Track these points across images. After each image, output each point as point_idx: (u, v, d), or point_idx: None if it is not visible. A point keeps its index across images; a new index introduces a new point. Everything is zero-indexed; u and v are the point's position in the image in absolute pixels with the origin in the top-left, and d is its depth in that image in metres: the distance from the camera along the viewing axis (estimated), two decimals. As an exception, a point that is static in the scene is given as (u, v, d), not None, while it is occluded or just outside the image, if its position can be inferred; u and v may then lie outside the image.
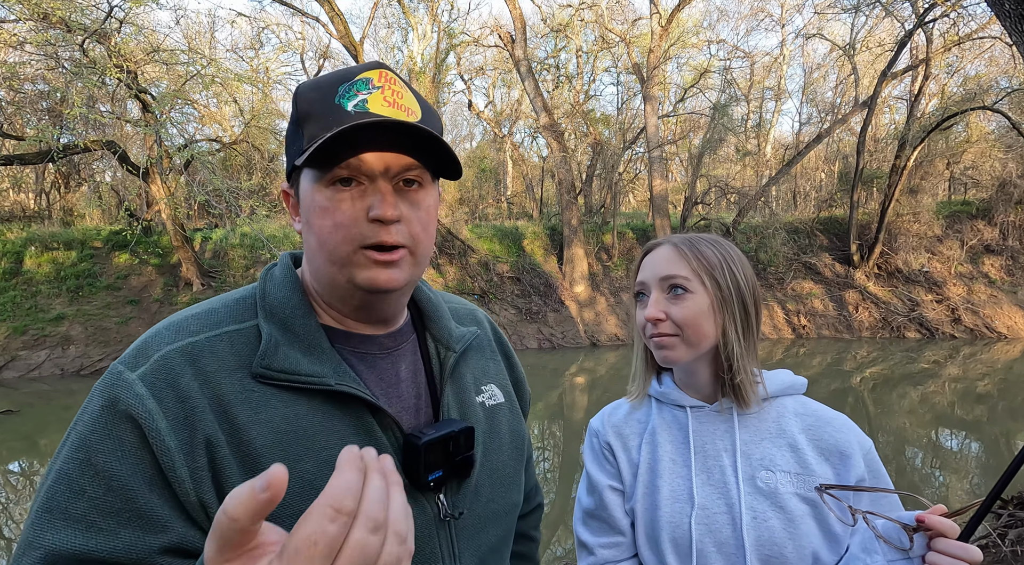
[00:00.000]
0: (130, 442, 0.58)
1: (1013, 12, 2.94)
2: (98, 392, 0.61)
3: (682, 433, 0.99)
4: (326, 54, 19.18)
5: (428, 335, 0.80)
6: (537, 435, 7.35)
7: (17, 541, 0.58)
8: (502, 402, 0.84)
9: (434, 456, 0.68)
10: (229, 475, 0.59)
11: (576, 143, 18.05)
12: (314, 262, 0.69)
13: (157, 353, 0.62)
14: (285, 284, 0.71)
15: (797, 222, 15.70)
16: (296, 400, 0.64)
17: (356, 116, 0.64)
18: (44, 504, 0.57)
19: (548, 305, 13.41)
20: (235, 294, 0.72)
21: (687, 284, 0.95)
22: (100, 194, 15.01)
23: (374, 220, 0.64)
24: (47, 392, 8.99)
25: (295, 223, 0.72)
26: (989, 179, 15.15)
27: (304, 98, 0.67)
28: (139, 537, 0.56)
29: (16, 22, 9.61)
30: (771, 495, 0.90)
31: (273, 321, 0.67)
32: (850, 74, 17.95)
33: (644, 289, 1.00)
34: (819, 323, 13.60)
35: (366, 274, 0.66)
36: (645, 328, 0.98)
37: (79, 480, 0.57)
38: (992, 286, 13.77)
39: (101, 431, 0.58)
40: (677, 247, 0.99)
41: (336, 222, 0.64)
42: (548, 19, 17.28)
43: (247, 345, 0.65)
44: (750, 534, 0.88)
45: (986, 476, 5.65)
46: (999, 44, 12.91)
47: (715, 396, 1.00)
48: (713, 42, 19.03)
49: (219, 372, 0.63)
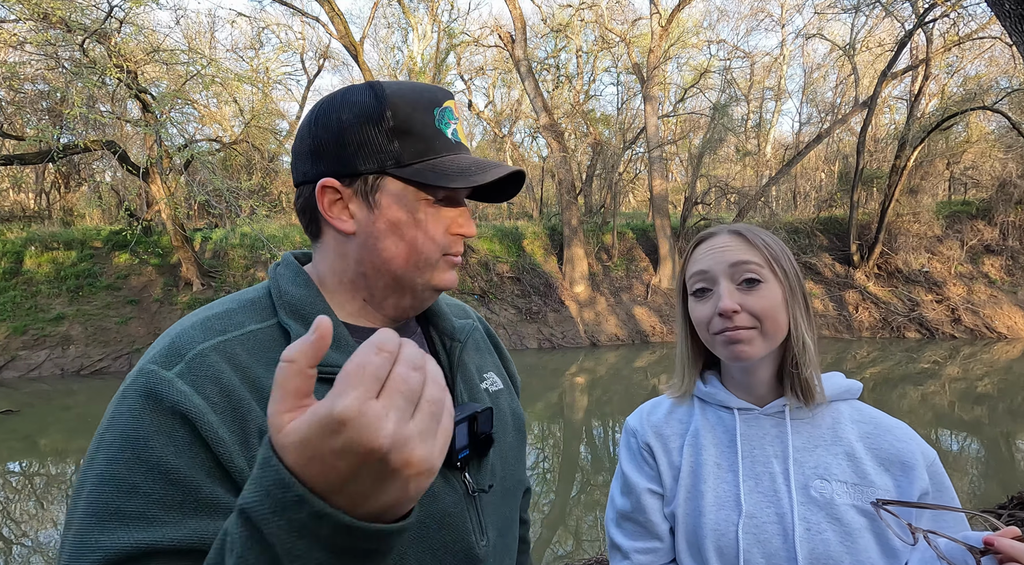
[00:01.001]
0: (183, 437, 0.58)
1: (1013, 12, 2.94)
2: (134, 392, 0.60)
3: (727, 436, 0.94)
4: (326, 54, 19.19)
5: (432, 329, 0.86)
6: (537, 435, 7.35)
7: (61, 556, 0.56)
8: (502, 388, 0.90)
9: (461, 436, 0.73)
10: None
11: (576, 143, 18.06)
12: (384, 268, 0.73)
13: (191, 352, 0.63)
14: (300, 283, 0.73)
15: (797, 222, 15.71)
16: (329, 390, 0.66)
17: (456, 146, 0.74)
18: (89, 509, 0.55)
19: (548, 305, 13.41)
20: (246, 295, 0.73)
21: (761, 273, 0.89)
22: (100, 194, 15.02)
23: (457, 235, 0.76)
24: (47, 392, 8.99)
25: (336, 220, 0.71)
26: (989, 179, 15.15)
27: (403, 111, 0.70)
28: (207, 524, 0.56)
29: (16, 22, 9.61)
30: (826, 506, 0.84)
31: (296, 318, 0.70)
32: (850, 74, 17.96)
33: (707, 280, 0.92)
34: (819, 323, 13.60)
35: (445, 276, 0.76)
36: (711, 323, 0.90)
37: (130, 478, 0.56)
38: (992, 286, 13.77)
39: (149, 428, 0.57)
40: (742, 235, 0.93)
41: (431, 233, 0.73)
42: (548, 19, 17.28)
43: (273, 342, 0.68)
44: (803, 546, 0.83)
45: (986, 476, 5.65)
46: (999, 44, 12.91)
47: (768, 398, 0.94)
48: (713, 42, 19.04)
49: (255, 367, 0.65)
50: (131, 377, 0.62)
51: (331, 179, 0.71)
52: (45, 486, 5.73)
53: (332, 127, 0.70)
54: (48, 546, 4.48)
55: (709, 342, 0.93)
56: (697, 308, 0.93)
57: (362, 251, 0.73)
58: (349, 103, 0.70)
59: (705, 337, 0.93)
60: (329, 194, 0.71)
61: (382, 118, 0.68)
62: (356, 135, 0.69)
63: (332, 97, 0.72)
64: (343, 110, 0.70)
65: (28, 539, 4.65)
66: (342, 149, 0.70)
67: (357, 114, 0.69)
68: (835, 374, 0.97)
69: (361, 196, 0.71)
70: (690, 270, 0.95)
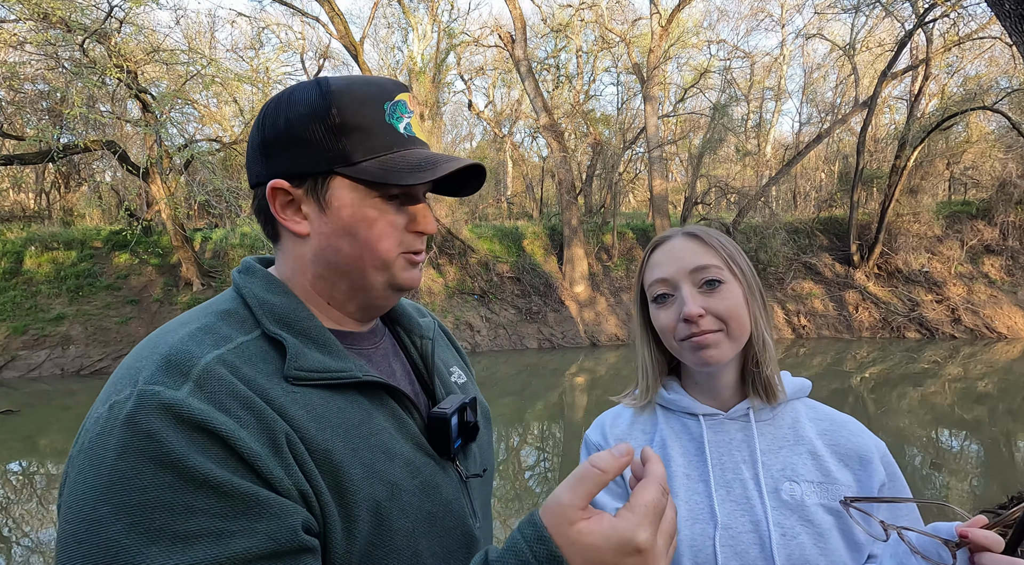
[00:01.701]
0: (219, 453, 0.55)
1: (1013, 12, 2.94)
2: (146, 415, 0.54)
3: (694, 444, 0.92)
4: (326, 54, 19.18)
5: (400, 329, 0.86)
6: (537, 435, 7.35)
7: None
8: (466, 380, 0.92)
9: (454, 427, 0.75)
10: (309, 470, 0.60)
11: (576, 143, 18.06)
12: (342, 268, 0.71)
13: (196, 367, 0.59)
14: (279, 291, 0.71)
15: (797, 222, 15.71)
16: (332, 396, 0.66)
17: (409, 140, 0.72)
18: (144, 540, 0.50)
19: (548, 305, 13.41)
20: (219, 306, 0.69)
21: (721, 274, 0.88)
22: (100, 194, 15.02)
23: (417, 232, 0.74)
24: (47, 392, 8.99)
25: (289, 222, 0.70)
26: (989, 179, 15.15)
27: (349, 107, 0.67)
28: (277, 524, 0.55)
29: (16, 22, 9.61)
30: (798, 509, 0.84)
31: (285, 327, 0.68)
32: (850, 74, 17.95)
33: (668, 287, 0.90)
34: (819, 323, 13.60)
35: (406, 274, 0.74)
36: (676, 330, 0.89)
37: (180, 500, 0.52)
38: (992, 286, 13.76)
39: (181, 447, 0.53)
40: (697, 237, 0.92)
41: (387, 232, 0.71)
42: (548, 19, 17.28)
43: (265, 354, 0.65)
44: (780, 553, 0.82)
45: (987, 476, 5.65)
46: (999, 44, 12.91)
47: (732, 401, 0.93)
48: (713, 42, 19.04)
49: (258, 378, 0.62)
50: (126, 403, 0.55)
51: (281, 180, 0.69)
52: (45, 486, 5.73)
53: (279, 127, 0.68)
54: (48, 546, 4.48)
55: (675, 349, 0.91)
56: (660, 315, 0.91)
57: (318, 253, 0.71)
58: (295, 101, 0.68)
59: (671, 344, 0.91)
60: (280, 196, 0.70)
61: (328, 115, 0.67)
62: (302, 134, 0.67)
63: (280, 96, 0.70)
64: (290, 109, 0.68)
65: (28, 539, 4.65)
66: (289, 149, 0.68)
67: (303, 112, 0.67)
68: (783, 373, 0.96)
69: (312, 197, 0.69)
70: (649, 277, 0.93)
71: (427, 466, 0.72)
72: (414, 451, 0.71)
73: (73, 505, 0.53)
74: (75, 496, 0.53)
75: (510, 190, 24.09)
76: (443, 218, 14.32)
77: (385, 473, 0.65)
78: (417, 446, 0.72)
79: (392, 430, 0.70)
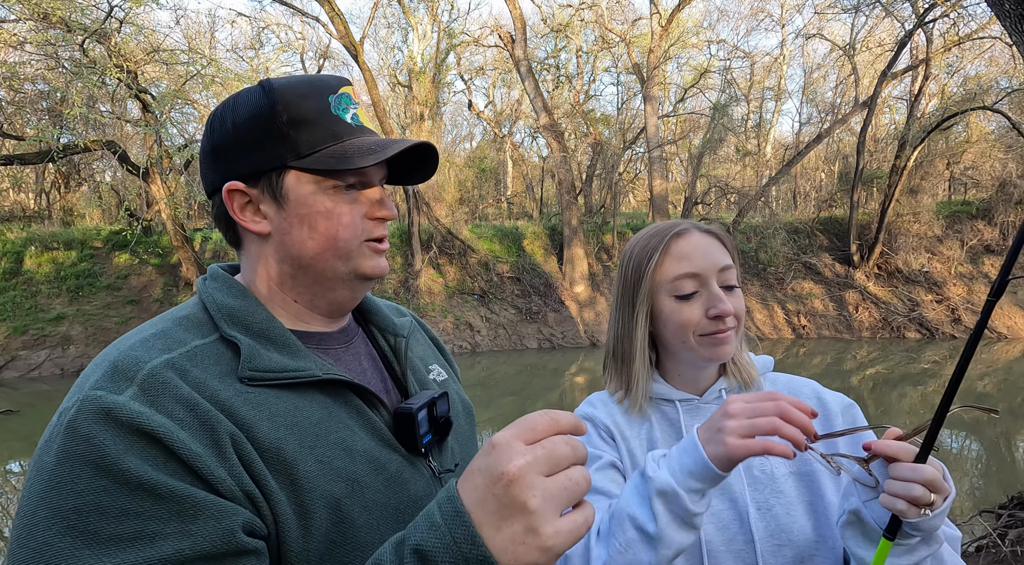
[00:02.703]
0: (156, 456, 0.55)
1: (1013, 12, 2.94)
2: (86, 420, 0.55)
3: (673, 429, 0.96)
4: (326, 54, 19.19)
5: (374, 328, 0.87)
6: (537, 435, 7.34)
7: None
8: (447, 377, 0.92)
9: (423, 422, 0.76)
10: (258, 470, 0.60)
11: (576, 143, 18.05)
12: (304, 261, 0.72)
13: (141, 372, 0.59)
14: (237, 294, 0.72)
15: (797, 222, 15.70)
16: (289, 395, 0.67)
17: (356, 130, 0.72)
18: (77, 542, 0.51)
19: (548, 305, 13.41)
20: (179, 313, 0.70)
21: (736, 277, 0.94)
22: (100, 194, 15.02)
23: (377, 219, 0.74)
24: (47, 392, 8.99)
25: (248, 222, 0.71)
26: (989, 179, 15.15)
27: (294, 103, 0.69)
28: (213, 526, 0.55)
29: (16, 22, 9.61)
30: (769, 482, 0.89)
31: (241, 329, 0.68)
32: (850, 74, 17.95)
33: (697, 283, 0.91)
34: (819, 323, 13.59)
35: (370, 263, 0.75)
36: (699, 325, 0.91)
37: (115, 503, 0.53)
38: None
39: (116, 450, 0.54)
40: (716, 235, 0.95)
41: (346, 221, 0.72)
42: (548, 19, 17.28)
43: (219, 357, 0.66)
44: (758, 527, 0.87)
45: (986, 476, 5.65)
46: (999, 44, 12.90)
47: (707, 387, 0.98)
48: (713, 42, 19.03)
49: (209, 380, 0.62)
50: (71, 410, 0.56)
51: (235, 182, 0.70)
52: (45, 486, 5.74)
53: (227, 131, 0.70)
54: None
55: (688, 344, 0.91)
56: (684, 310, 0.91)
57: (280, 250, 0.72)
58: (240, 104, 0.70)
59: (684, 339, 0.91)
60: (237, 198, 0.71)
61: (274, 112, 0.68)
62: (251, 134, 0.69)
63: (225, 102, 0.72)
64: (236, 112, 0.70)
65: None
66: (240, 150, 0.70)
67: (249, 113, 0.69)
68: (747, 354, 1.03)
69: (269, 194, 0.71)
70: (673, 271, 0.91)
71: (393, 462, 0.72)
72: (379, 447, 0.71)
73: (19, 510, 0.55)
74: (21, 502, 0.55)
75: (510, 190, 24.08)
76: (443, 218, 14.33)
77: (344, 469, 0.66)
78: (383, 442, 0.72)
79: (355, 427, 0.70)
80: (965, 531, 3.68)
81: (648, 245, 0.95)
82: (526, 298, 13.47)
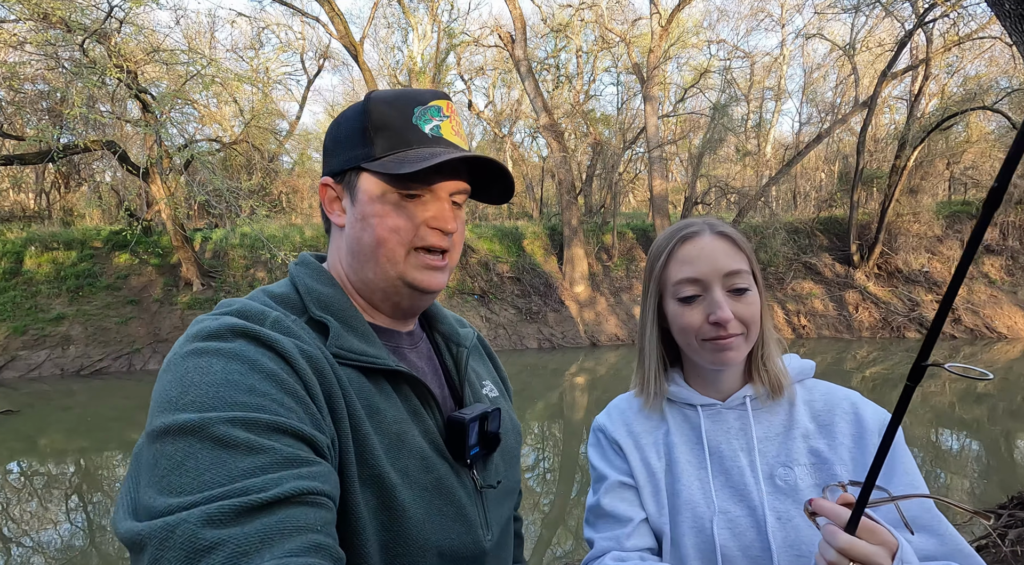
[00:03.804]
0: (284, 368, 0.61)
1: (1013, 12, 2.94)
2: (226, 331, 0.61)
3: (695, 434, 0.95)
4: (326, 54, 19.18)
5: (438, 335, 0.89)
6: (537, 435, 7.34)
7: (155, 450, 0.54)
8: (498, 395, 0.93)
9: (472, 434, 0.77)
10: (343, 429, 0.64)
11: (576, 143, 18.05)
12: (361, 258, 0.76)
13: (269, 317, 0.66)
14: (325, 282, 0.77)
15: (797, 222, 15.70)
16: (362, 378, 0.71)
17: (433, 140, 0.75)
18: (205, 403, 0.55)
19: (548, 305, 13.41)
20: (272, 291, 0.75)
21: (748, 281, 0.90)
22: (100, 194, 15.03)
23: (434, 228, 0.75)
24: (47, 392, 8.98)
25: (333, 215, 0.78)
26: (989, 179, 15.13)
27: (379, 110, 0.74)
28: (313, 429, 0.59)
29: (16, 22, 9.61)
30: (791, 493, 0.87)
31: (330, 313, 0.73)
32: (850, 74, 17.95)
33: (699, 287, 0.90)
34: (819, 323, 13.60)
35: (419, 275, 0.76)
36: (700, 330, 0.90)
37: (246, 381, 0.57)
38: (992, 286, 13.76)
39: (254, 352, 0.60)
40: (728, 237, 0.92)
41: (393, 225, 0.74)
42: (548, 19, 17.28)
43: (311, 333, 0.71)
44: (776, 537, 0.85)
45: (987, 476, 5.65)
46: (999, 44, 12.90)
47: (732, 392, 0.96)
48: (713, 42, 19.04)
49: (310, 346, 0.67)
50: (211, 323, 0.62)
51: (327, 177, 0.78)
52: (45, 486, 5.73)
53: (332, 133, 0.78)
54: (48, 546, 4.48)
55: (692, 347, 0.92)
56: (685, 314, 0.91)
57: (348, 243, 0.77)
58: (348, 110, 0.77)
59: (688, 342, 0.92)
60: (327, 192, 0.79)
61: (363, 118, 0.74)
62: (345, 136, 0.76)
63: (347, 108, 0.80)
64: (343, 117, 0.78)
65: (28, 539, 4.64)
66: (337, 149, 0.77)
67: (347, 118, 0.76)
68: (789, 356, 0.98)
69: (347, 191, 0.77)
70: (677, 273, 0.92)
71: (440, 466, 0.73)
72: (429, 448, 0.73)
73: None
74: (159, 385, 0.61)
75: (510, 190, 24.05)
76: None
77: (399, 460, 0.69)
78: (433, 445, 0.74)
79: (412, 423, 0.73)
80: (965, 531, 3.68)
81: (660, 245, 0.96)
82: (526, 298, 13.47)
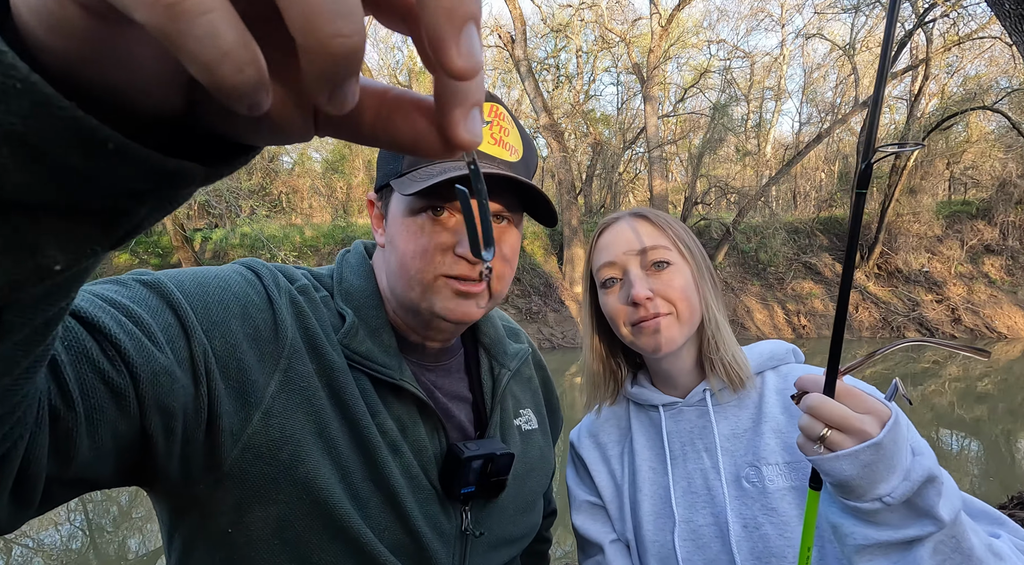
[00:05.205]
0: (259, 292, 0.63)
1: (1013, 12, 2.94)
2: (254, 263, 0.68)
3: (657, 436, 0.88)
4: (326, 54, 19.17)
5: (482, 350, 0.81)
6: (537, 435, 7.35)
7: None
8: (536, 428, 0.86)
9: (471, 472, 0.70)
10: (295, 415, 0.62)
11: (576, 143, 18.06)
12: (393, 280, 0.72)
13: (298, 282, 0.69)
14: (360, 273, 0.74)
15: (797, 222, 15.71)
16: (362, 378, 0.68)
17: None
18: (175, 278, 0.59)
19: (548, 305, 13.41)
20: (316, 270, 0.76)
21: (669, 255, 0.83)
22: (100, 194, 14.99)
23: (461, 256, 0.66)
24: (47, 392, 8.98)
25: (377, 234, 0.75)
26: (989, 179, 15.16)
27: None
28: (182, 342, 0.56)
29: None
30: (759, 497, 0.77)
31: (350, 304, 0.71)
32: (850, 74, 17.95)
33: (616, 270, 0.84)
34: (819, 323, 13.60)
35: (445, 304, 0.67)
36: (625, 315, 0.83)
37: (216, 286, 0.60)
38: (992, 286, 13.77)
39: (249, 283, 0.64)
40: (645, 217, 0.87)
41: (422, 249, 0.66)
42: (548, 19, 17.28)
43: (328, 311, 0.70)
44: (741, 547, 0.76)
45: (986, 476, 5.65)
46: (999, 44, 12.91)
47: (691, 388, 0.88)
48: (713, 42, 19.03)
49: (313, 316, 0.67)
50: (251, 260, 0.69)
51: (372, 193, 0.76)
52: (45, 486, 5.73)
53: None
54: (48, 546, 4.48)
55: (626, 337, 0.85)
56: (608, 300, 0.85)
57: (386, 263, 0.73)
58: None
59: (622, 332, 0.85)
60: (372, 208, 0.76)
61: None
62: (385, 152, 0.71)
63: None
64: None
65: (28, 539, 4.65)
66: (379, 163, 0.74)
67: None
68: (762, 342, 0.91)
69: (383, 209, 0.74)
70: (597, 261, 0.87)
71: (424, 490, 0.68)
72: (416, 467, 0.68)
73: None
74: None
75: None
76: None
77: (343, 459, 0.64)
78: (422, 466, 0.69)
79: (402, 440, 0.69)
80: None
81: (591, 240, 0.92)
82: (526, 298, 13.47)
